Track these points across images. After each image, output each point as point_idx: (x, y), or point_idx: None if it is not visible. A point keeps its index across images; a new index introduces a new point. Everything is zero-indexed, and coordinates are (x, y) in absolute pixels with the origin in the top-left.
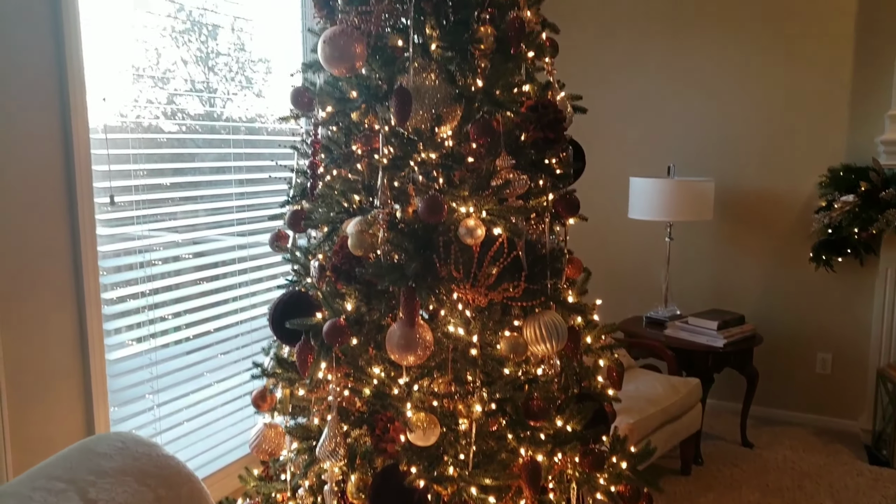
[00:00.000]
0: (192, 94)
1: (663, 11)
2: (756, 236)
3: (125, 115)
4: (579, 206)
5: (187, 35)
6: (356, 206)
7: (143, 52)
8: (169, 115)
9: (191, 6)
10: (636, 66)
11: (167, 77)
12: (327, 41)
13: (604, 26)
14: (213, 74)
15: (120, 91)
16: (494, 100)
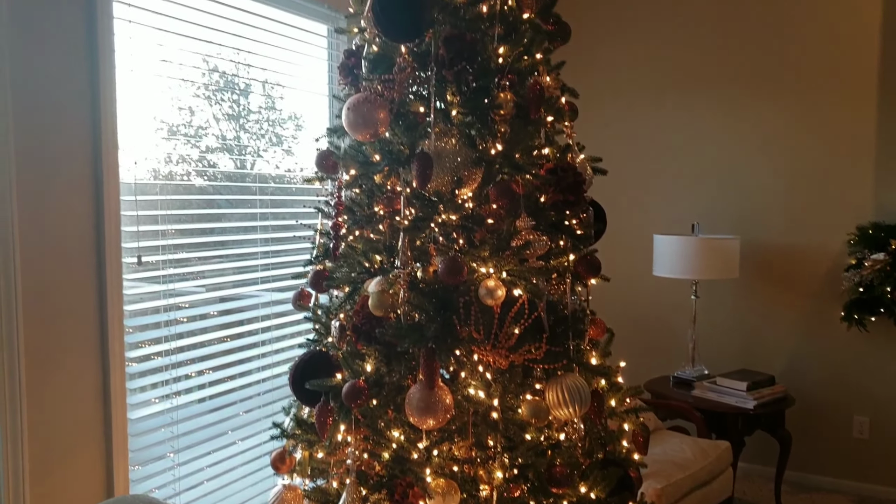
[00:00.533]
0: (223, 151)
1: (685, 70)
2: (784, 294)
3: (157, 170)
4: (600, 266)
5: (220, 94)
6: (377, 267)
7: (178, 111)
8: (200, 171)
9: (224, 67)
10: (658, 124)
11: (200, 134)
12: (351, 108)
13: (626, 84)
14: (244, 132)
15: (152, 148)
16: (514, 163)
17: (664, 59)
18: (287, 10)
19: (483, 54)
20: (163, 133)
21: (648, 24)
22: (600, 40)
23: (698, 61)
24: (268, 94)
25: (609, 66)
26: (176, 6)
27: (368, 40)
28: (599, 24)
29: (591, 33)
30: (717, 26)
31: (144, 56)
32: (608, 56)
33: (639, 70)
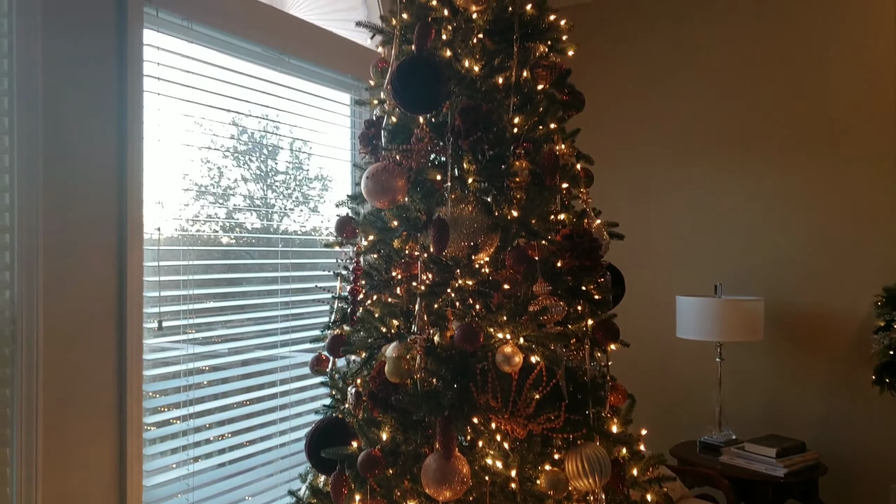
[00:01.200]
0: (250, 211)
1: (704, 131)
2: (812, 357)
3: (183, 228)
4: (619, 332)
5: (248, 155)
6: (394, 332)
7: (204, 172)
8: (227, 228)
9: (252, 128)
10: (678, 185)
11: (228, 194)
12: (370, 177)
13: (645, 146)
14: (271, 191)
15: (177, 211)
16: (530, 229)
17: (683, 120)
18: (311, 81)
19: (499, 124)
20: (189, 194)
21: (666, 85)
22: (618, 103)
23: (718, 122)
24: (295, 155)
25: (628, 128)
26: (204, 79)
27: (388, 111)
28: (617, 86)
29: (609, 96)
30: (736, 87)
31: (172, 125)
32: (627, 118)
33: (657, 132)
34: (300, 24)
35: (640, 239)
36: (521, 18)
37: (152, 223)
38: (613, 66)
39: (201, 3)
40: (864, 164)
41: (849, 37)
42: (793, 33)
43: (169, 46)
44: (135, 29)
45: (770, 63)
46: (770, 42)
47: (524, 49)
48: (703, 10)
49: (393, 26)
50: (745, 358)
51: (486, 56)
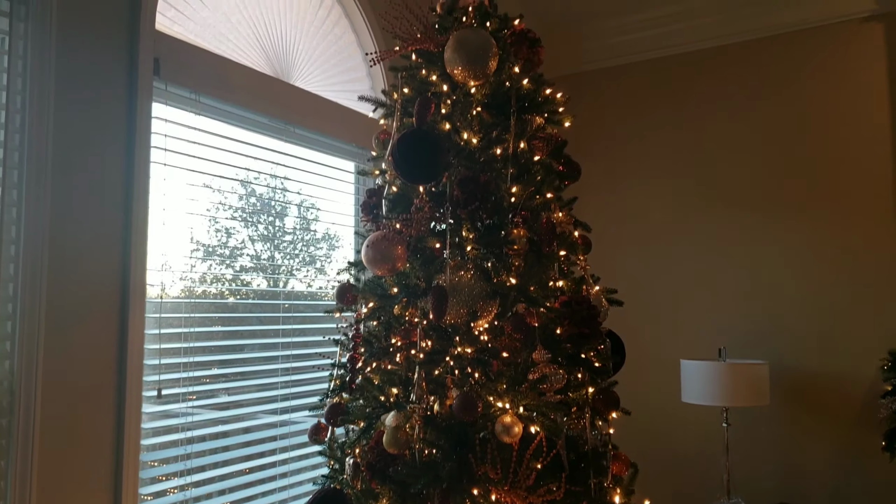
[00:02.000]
0: (257, 271)
1: (706, 194)
2: (820, 422)
3: (189, 289)
4: (619, 400)
5: (256, 216)
6: (392, 401)
7: (214, 233)
8: (233, 290)
9: (260, 191)
10: (680, 248)
11: (235, 254)
12: (371, 245)
13: (646, 208)
14: (277, 251)
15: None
16: (528, 296)
17: (684, 184)
18: (316, 149)
19: (497, 193)
20: (195, 256)
21: (666, 150)
22: (618, 168)
23: (719, 185)
24: (302, 217)
25: (629, 193)
26: (210, 149)
27: (389, 181)
28: (617, 151)
29: (608, 161)
30: (738, 150)
31: (178, 193)
32: (627, 183)
33: (658, 196)
34: (305, 96)
35: (643, 302)
36: (517, 92)
37: (156, 286)
38: (612, 132)
39: (209, 77)
40: (865, 227)
41: (846, 101)
42: (792, 97)
43: (177, 118)
44: (144, 102)
45: (770, 126)
46: (770, 106)
47: (521, 121)
48: (704, 75)
49: (394, 100)
50: (752, 423)
51: (484, 128)
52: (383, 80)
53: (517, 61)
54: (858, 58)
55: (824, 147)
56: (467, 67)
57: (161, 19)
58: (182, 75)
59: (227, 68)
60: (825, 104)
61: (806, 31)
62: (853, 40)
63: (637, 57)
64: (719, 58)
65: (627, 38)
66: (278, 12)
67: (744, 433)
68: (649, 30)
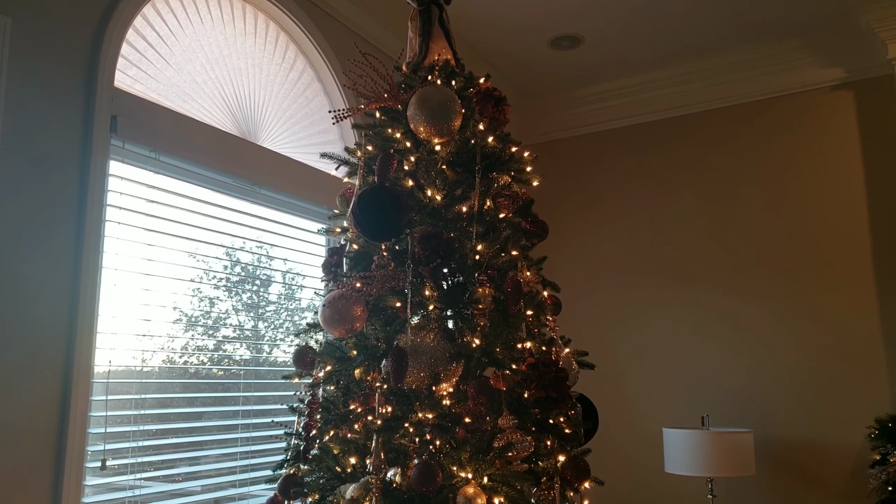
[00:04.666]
0: (210, 338)
1: (684, 261)
2: (809, 493)
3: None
4: (589, 470)
5: (241, 285)
6: (350, 471)
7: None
8: (185, 362)
9: (246, 261)
10: (660, 313)
11: (216, 325)
12: (328, 304)
13: (622, 275)
14: (257, 321)
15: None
16: (493, 358)
17: (664, 250)
18: (285, 211)
19: (461, 251)
20: (147, 326)
21: (644, 215)
22: (595, 233)
23: (701, 251)
24: (288, 284)
25: (606, 258)
26: (170, 209)
27: (350, 239)
28: (592, 217)
29: (584, 227)
30: (714, 218)
31: (132, 254)
32: (604, 248)
33: (637, 262)
34: (272, 156)
35: (623, 369)
36: (483, 150)
37: (106, 350)
38: (587, 198)
39: (169, 135)
40: (847, 294)
41: (821, 169)
42: (768, 166)
43: (135, 177)
44: (99, 160)
45: (753, 196)
46: (747, 174)
47: (487, 179)
48: (688, 146)
49: (358, 157)
50: (738, 495)
51: (449, 186)
52: (354, 140)
53: (483, 119)
54: (830, 123)
55: (803, 215)
56: (431, 124)
57: (122, 77)
58: (140, 133)
59: (189, 127)
60: (801, 172)
61: (778, 99)
62: (824, 108)
63: (605, 126)
64: (691, 126)
65: (594, 108)
66: (247, 74)
67: None
68: (614, 99)
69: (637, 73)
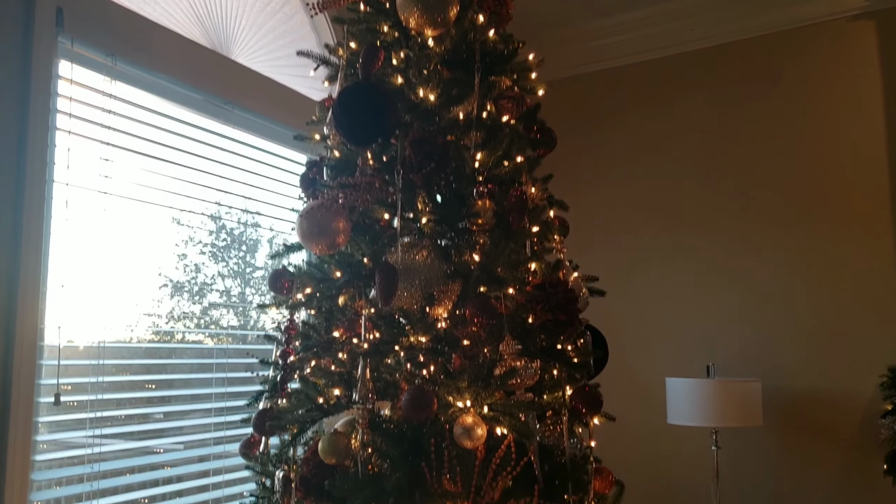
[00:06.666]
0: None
1: (694, 204)
2: (817, 445)
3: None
4: (601, 401)
5: (226, 251)
6: (332, 403)
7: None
8: (202, 326)
9: (231, 225)
10: (666, 259)
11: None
12: (305, 215)
13: (631, 218)
14: (249, 287)
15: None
16: (495, 277)
17: (673, 194)
18: (264, 138)
19: (458, 159)
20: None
21: (656, 159)
22: (604, 175)
23: (710, 195)
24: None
25: (613, 201)
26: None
27: (331, 146)
28: (602, 159)
29: (593, 169)
30: (730, 160)
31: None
32: (612, 191)
33: (646, 205)
34: (248, 74)
35: (626, 317)
36: (483, 47)
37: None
38: (599, 139)
39: (127, 38)
40: (862, 240)
41: (837, 105)
42: (780, 103)
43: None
44: (42, 59)
45: (765, 137)
46: (764, 117)
47: (487, 83)
48: (696, 84)
49: (339, 56)
50: (743, 446)
51: (444, 84)
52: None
53: (482, 12)
54: (849, 58)
55: (816, 155)
56: (423, 12)
57: None
58: (93, 32)
59: (152, 31)
60: (815, 109)
61: (792, 31)
62: (843, 39)
63: (615, 62)
64: (702, 61)
65: (605, 42)
66: None
67: (735, 457)
68: (626, 33)
69: (645, 6)
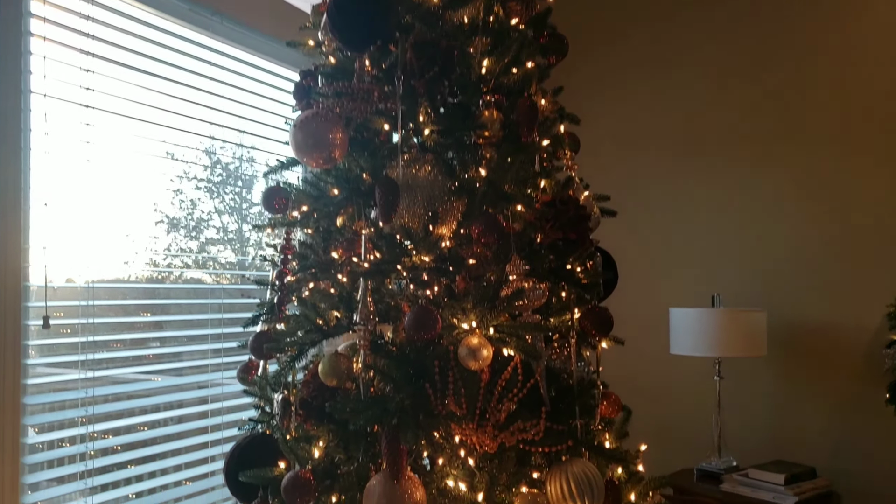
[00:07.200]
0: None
1: (702, 127)
2: (820, 375)
3: None
4: (612, 323)
5: (222, 186)
6: (333, 325)
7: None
8: (201, 263)
9: (227, 160)
10: (670, 185)
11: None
12: (299, 126)
13: (634, 143)
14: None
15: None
16: (502, 193)
17: (676, 116)
18: (257, 55)
19: (463, 67)
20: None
21: (659, 79)
22: (605, 96)
23: (716, 116)
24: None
25: (615, 124)
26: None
27: (325, 52)
28: (605, 79)
29: (597, 86)
30: (736, 81)
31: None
32: (614, 113)
33: (648, 128)
34: None
35: (629, 246)
36: None
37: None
38: (602, 60)
39: None
40: (875, 168)
41: (864, 26)
42: (798, 21)
43: None
44: None
45: (774, 54)
46: (774, 31)
47: None
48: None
49: None
50: (746, 376)
51: None
52: None
53: None
54: None
55: (835, 75)
56: None
57: None
58: None
59: None
60: (836, 23)
61: None
62: None
63: None
64: None
65: None
66: None
67: (737, 388)
68: None
69: None
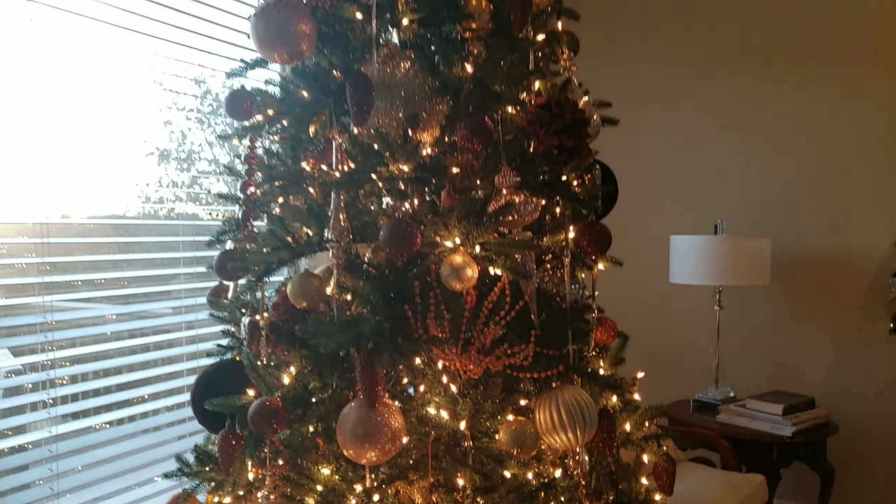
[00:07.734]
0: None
1: (704, 52)
2: (823, 304)
3: None
4: (610, 239)
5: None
6: (303, 242)
7: None
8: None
9: (217, 89)
10: (676, 110)
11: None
12: (259, 15)
13: (634, 62)
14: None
15: None
16: (491, 93)
17: (680, 34)
18: None
19: None
20: None
21: (655, 7)
22: (607, 18)
23: (720, 42)
24: None
25: (615, 42)
26: None
27: None
28: (600, 7)
29: (598, 12)
30: (739, 5)
31: None
32: (614, 31)
33: (649, 47)
34: None
35: (629, 171)
36: None
37: None
38: None
39: None
40: (883, 94)
41: None
42: None
43: None
44: None
45: None
46: None
47: None
48: None
49: None
50: (747, 306)
51: None
52: None
53: None
54: None
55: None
56: None
57: None
58: None
59: None
60: None
61: None
62: None
63: None
64: None
65: None
66: None
67: (738, 317)
68: None
69: None
